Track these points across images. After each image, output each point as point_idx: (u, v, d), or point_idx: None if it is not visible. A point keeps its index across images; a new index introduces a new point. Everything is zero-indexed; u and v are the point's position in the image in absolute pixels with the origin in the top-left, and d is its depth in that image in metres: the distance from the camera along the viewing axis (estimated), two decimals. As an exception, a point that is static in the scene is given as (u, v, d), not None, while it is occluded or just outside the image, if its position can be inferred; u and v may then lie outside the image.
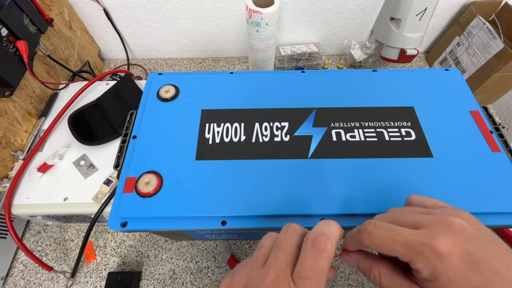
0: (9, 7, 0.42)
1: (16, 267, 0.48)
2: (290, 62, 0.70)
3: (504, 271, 0.17)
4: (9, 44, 0.42)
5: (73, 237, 0.51)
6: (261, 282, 0.19)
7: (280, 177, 0.31)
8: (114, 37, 0.72)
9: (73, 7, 0.64)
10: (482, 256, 0.18)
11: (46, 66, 0.54)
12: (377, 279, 0.21)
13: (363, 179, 0.31)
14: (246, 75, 0.40)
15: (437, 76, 0.39)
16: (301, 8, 0.65)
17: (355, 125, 0.35)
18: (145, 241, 0.51)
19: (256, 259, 0.20)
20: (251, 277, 0.19)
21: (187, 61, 0.79)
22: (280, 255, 0.19)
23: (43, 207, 0.41)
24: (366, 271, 0.22)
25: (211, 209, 0.29)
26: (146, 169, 0.32)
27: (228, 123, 0.35)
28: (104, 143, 0.46)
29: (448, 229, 0.19)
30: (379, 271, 0.21)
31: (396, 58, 0.65)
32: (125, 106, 0.48)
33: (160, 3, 0.64)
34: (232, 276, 0.21)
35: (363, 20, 0.69)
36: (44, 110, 0.52)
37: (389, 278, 0.20)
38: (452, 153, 0.32)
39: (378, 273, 0.21)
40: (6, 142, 0.45)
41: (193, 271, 0.48)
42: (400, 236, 0.19)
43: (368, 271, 0.21)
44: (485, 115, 0.35)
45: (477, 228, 0.19)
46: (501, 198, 0.29)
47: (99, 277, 0.48)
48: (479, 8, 0.61)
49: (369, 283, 0.46)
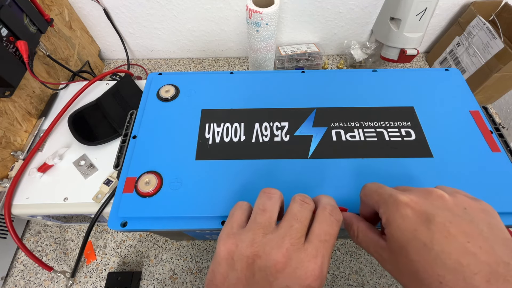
0: (9, 7, 0.42)
1: (16, 267, 0.48)
2: (290, 62, 0.70)
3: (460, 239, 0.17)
4: (9, 44, 0.42)
5: (73, 237, 0.51)
6: (276, 250, 0.19)
7: (280, 177, 0.31)
8: (114, 37, 0.72)
9: (73, 7, 0.64)
10: (440, 220, 0.18)
11: (46, 66, 0.54)
12: (355, 234, 0.23)
13: (363, 179, 0.31)
14: (246, 75, 0.40)
15: (437, 76, 0.39)
16: (301, 8, 0.65)
17: (355, 125, 0.35)
18: (145, 241, 0.51)
19: (263, 225, 0.20)
20: (262, 244, 0.19)
21: (187, 61, 0.79)
22: (296, 225, 0.20)
23: (43, 207, 0.41)
24: (348, 227, 0.24)
25: (211, 209, 0.29)
26: (146, 169, 0.32)
27: (228, 123, 0.35)
28: (104, 143, 0.46)
29: (423, 194, 0.20)
30: (358, 227, 0.23)
31: (396, 58, 0.65)
32: (125, 106, 0.48)
33: (160, 3, 0.64)
34: (236, 240, 0.20)
35: (363, 20, 0.69)
36: (44, 110, 0.52)
37: (364, 233, 0.23)
38: (452, 153, 0.32)
39: (357, 229, 0.23)
40: (6, 142, 0.45)
41: (193, 271, 0.48)
42: (381, 189, 0.22)
43: (349, 227, 0.24)
44: (485, 115, 0.35)
45: (464, 207, 0.19)
46: (501, 198, 0.29)
47: (99, 277, 0.48)
48: (479, 8, 0.61)
49: (369, 283, 0.46)
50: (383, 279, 0.46)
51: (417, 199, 0.19)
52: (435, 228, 0.18)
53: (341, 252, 0.49)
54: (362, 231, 0.23)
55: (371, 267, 0.48)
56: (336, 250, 0.49)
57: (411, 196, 0.20)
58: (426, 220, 0.18)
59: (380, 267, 0.47)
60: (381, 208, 0.21)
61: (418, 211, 0.19)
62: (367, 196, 0.23)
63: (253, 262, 0.19)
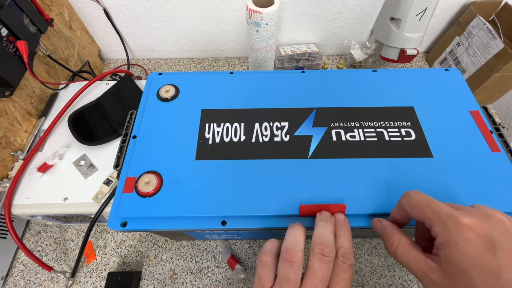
0: (9, 7, 0.42)
1: (16, 267, 0.48)
2: (290, 62, 0.70)
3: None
4: (9, 44, 0.42)
5: (73, 237, 0.51)
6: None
7: (280, 177, 0.31)
8: (114, 37, 0.72)
9: (73, 7, 0.64)
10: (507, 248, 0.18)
11: (46, 66, 0.54)
12: (394, 246, 0.22)
13: (363, 179, 0.31)
14: (246, 75, 0.40)
15: (437, 76, 0.39)
16: (301, 8, 0.65)
17: (355, 125, 0.35)
18: (145, 241, 0.51)
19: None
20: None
21: (187, 61, 0.79)
22: (318, 285, 0.22)
23: (43, 207, 0.41)
24: (386, 237, 0.23)
25: (211, 209, 0.29)
26: (146, 169, 0.32)
27: (228, 123, 0.35)
28: (104, 143, 0.46)
29: (484, 217, 0.19)
30: (400, 240, 0.23)
31: (396, 58, 0.65)
32: (125, 106, 0.48)
33: (160, 3, 0.64)
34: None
35: (363, 20, 0.69)
36: (44, 110, 0.52)
37: (407, 249, 0.22)
38: (452, 153, 0.32)
39: (397, 242, 0.22)
40: (6, 142, 0.45)
41: (193, 271, 0.48)
42: (435, 205, 0.21)
43: (387, 238, 0.23)
44: (485, 115, 0.35)
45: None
46: (501, 198, 0.29)
47: (99, 277, 0.48)
48: (479, 8, 0.61)
49: (369, 283, 0.46)
50: (383, 279, 0.46)
51: (480, 222, 0.19)
52: (502, 256, 0.17)
53: (341, 252, 0.49)
54: (404, 246, 0.22)
55: (371, 267, 0.48)
56: (336, 250, 0.49)
57: (473, 218, 0.19)
58: (491, 246, 0.18)
59: (380, 267, 0.47)
60: (437, 227, 0.20)
61: (482, 235, 0.18)
62: (414, 209, 0.22)
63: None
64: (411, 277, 0.46)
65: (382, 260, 0.48)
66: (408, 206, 0.22)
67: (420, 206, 0.21)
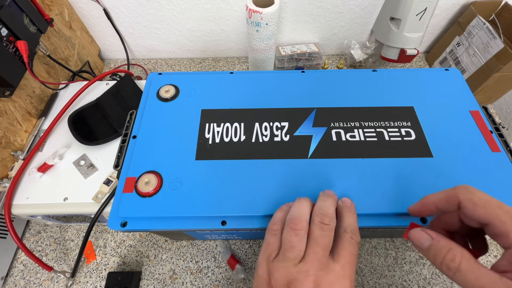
0: (9, 7, 0.42)
1: (16, 267, 0.48)
2: (290, 62, 0.70)
3: None
4: (9, 44, 0.42)
5: (73, 237, 0.51)
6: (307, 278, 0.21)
7: (280, 177, 0.31)
8: (114, 37, 0.72)
9: (73, 7, 0.64)
10: None
11: (46, 66, 0.54)
12: (457, 261, 0.18)
13: (363, 179, 0.31)
14: (246, 75, 0.40)
15: (437, 76, 0.39)
16: (301, 8, 0.65)
17: (355, 125, 0.35)
18: (145, 241, 0.51)
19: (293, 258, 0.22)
20: (295, 273, 0.22)
21: (187, 61, 0.79)
22: (320, 252, 0.22)
23: (43, 207, 0.41)
24: (441, 251, 0.19)
25: (211, 209, 0.29)
26: (146, 169, 0.32)
27: (228, 123, 0.35)
28: (104, 143, 0.46)
29: None
30: (463, 254, 0.18)
31: (396, 58, 0.65)
32: (125, 106, 0.48)
33: (160, 3, 0.64)
34: (273, 269, 0.23)
35: (363, 20, 0.69)
36: (44, 110, 0.52)
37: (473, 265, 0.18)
38: (452, 153, 0.32)
39: (461, 256, 0.18)
40: (6, 142, 0.45)
41: (193, 271, 0.48)
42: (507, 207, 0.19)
43: (446, 251, 0.19)
44: (485, 115, 0.35)
45: None
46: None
47: (99, 277, 0.48)
48: (479, 8, 0.61)
49: (369, 283, 0.46)
50: (383, 279, 0.46)
51: None
52: None
53: (341, 252, 0.49)
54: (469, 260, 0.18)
55: (371, 267, 0.48)
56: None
57: None
58: None
59: (380, 267, 0.47)
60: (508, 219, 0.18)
61: None
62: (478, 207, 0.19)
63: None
64: (411, 277, 0.46)
65: (382, 260, 0.48)
66: (471, 204, 0.19)
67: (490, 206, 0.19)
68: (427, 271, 0.47)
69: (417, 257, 0.48)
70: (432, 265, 0.22)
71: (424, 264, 0.48)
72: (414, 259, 0.48)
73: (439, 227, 0.24)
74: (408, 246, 0.49)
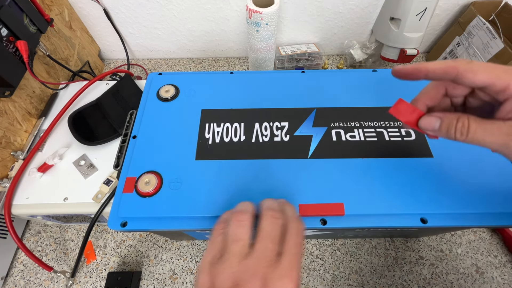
0: (9, 7, 0.42)
1: (16, 267, 0.48)
2: (290, 62, 0.70)
3: None
4: (9, 44, 0.42)
5: (73, 237, 0.51)
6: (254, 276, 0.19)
7: (280, 177, 0.31)
8: (114, 37, 0.72)
9: (73, 7, 0.64)
10: None
11: (46, 66, 0.54)
12: (466, 124, 0.20)
13: (362, 179, 0.31)
14: (246, 75, 0.40)
15: (437, 76, 0.39)
16: (301, 8, 0.65)
17: (355, 125, 0.35)
18: (145, 241, 0.51)
19: (237, 253, 0.21)
20: (240, 273, 0.20)
21: (187, 61, 0.79)
22: (270, 246, 0.21)
23: (43, 207, 0.41)
24: (453, 122, 0.21)
25: (211, 209, 0.29)
26: (146, 169, 0.32)
27: (228, 123, 0.35)
28: (104, 143, 0.46)
29: None
30: (469, 117, 0.20)
31: (396, 58, 0.65)
32: (125, 106, 0.48)
33: (160, 3, 0.64)
34: (216, 272, 0.20)
35: (363, 20, 0.69)
36: (44, 110, 0.52)
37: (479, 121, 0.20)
38: (452, 153, 0.32)
39: (467, 119, 0.20)
40: (6, 142, 0.45)
41: (193, 271, 0.48)
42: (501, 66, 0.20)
43: (456, 121, 0.21)
44: (485, 115, 0.35)
45: None
46: (501, 198, 0.29)
47: (99, 277, 0.48)
48: (479, 8, 0.61)
49: (369, 283, 0.46)
50: (383, 279, 0.46)
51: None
52: None
53: (341, 252, 0.49)
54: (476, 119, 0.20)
55: (371, 267, 0.48)
56: (336, 250, 0.49)
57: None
58: None
59: (380, 267, 0.47)
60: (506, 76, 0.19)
61: None
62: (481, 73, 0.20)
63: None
64: (411, 277, 0.46)
65: (382, 260, 0.48)
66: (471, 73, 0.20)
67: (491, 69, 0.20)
68: (427, 271, 0.47)
69: (417, 257, 0.48)
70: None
71: (424, 264, 0.48)
72: (414, 259, 0.48)
73: (423, 103, 0.25)
74: (408, 246, 0.49)
